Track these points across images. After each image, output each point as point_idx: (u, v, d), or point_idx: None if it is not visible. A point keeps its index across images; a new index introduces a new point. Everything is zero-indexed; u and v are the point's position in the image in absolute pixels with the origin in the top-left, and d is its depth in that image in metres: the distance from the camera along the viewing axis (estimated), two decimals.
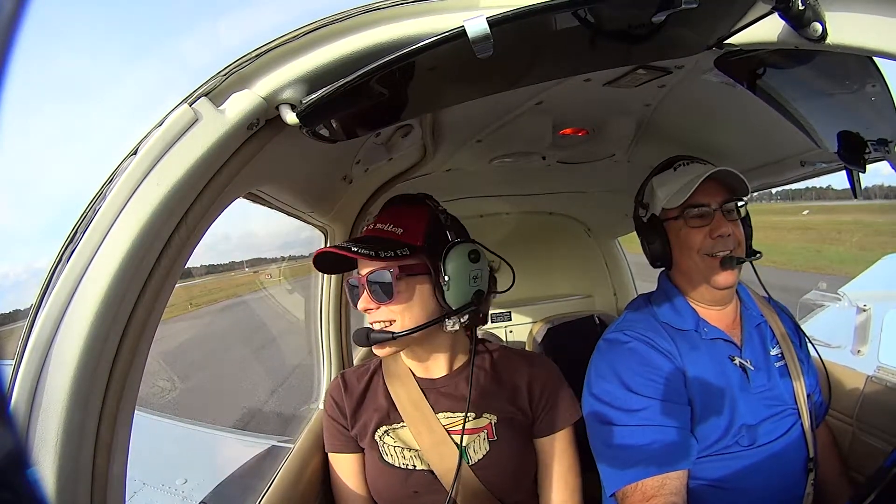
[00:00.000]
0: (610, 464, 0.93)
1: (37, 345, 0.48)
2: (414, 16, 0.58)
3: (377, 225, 0.90)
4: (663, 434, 0.90)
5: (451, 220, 0.93)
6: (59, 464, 0.47)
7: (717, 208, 0.98)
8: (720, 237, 0.97)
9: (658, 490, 0.86)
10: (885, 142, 0.84)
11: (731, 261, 0.97)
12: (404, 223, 0.88)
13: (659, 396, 0.93)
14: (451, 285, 0.86)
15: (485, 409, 0.95)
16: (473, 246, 0.90)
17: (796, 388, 1.01)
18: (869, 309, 1.75)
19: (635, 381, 0.95)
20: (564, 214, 2.43)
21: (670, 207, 1.01)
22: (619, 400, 0.94)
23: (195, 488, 2.13)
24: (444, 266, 0.86)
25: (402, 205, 0.94)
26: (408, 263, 0.85)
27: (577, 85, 0.97)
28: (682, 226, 1.00)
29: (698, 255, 0.99)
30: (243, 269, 29.79)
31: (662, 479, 0.87)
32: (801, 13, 0.52)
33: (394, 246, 0.84)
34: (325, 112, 0.60)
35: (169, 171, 0.52)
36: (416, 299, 0.86)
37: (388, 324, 0.86)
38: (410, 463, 0.94)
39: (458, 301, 0.88)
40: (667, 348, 0.98)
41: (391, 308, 0.86)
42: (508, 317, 2.33)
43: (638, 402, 0.93)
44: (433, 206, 0.93)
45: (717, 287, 0.99)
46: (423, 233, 0.88)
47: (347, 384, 1.02)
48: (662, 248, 1.04)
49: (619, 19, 0.57)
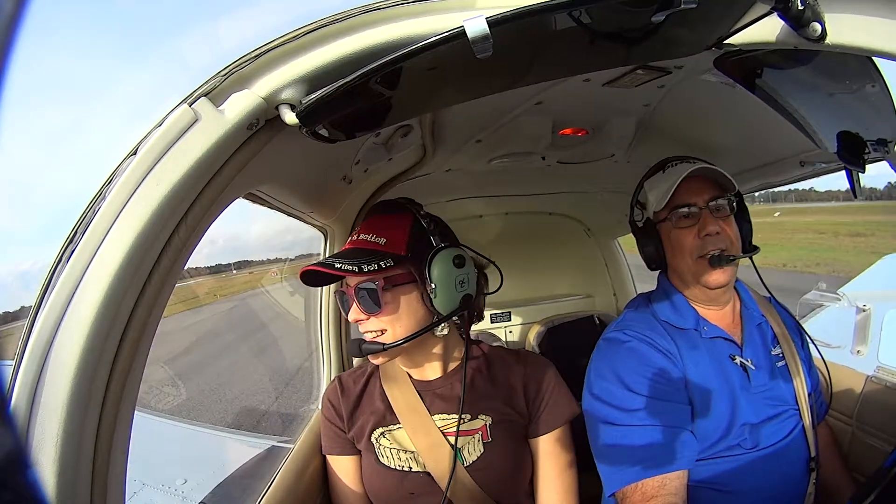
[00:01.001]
0: (610, 464, 0.93)
1: (37, 345, 0.48)
2: (414, 16, 0.58)
3: (360, 236, 0.89)
4: (663, 434, 0.90)
5: (434, 224, 0.92)
6: (59, 464, 0.47)
7: (704, 206, 0.97)
8: (708, 236, 0.96)
9: (658, 490, 0.86)
10: (884, 142, 0.84)
11: (721, 259, 0.95)
12: (386, 233, 0.88)
13: (658, 396, 0.93)
14: (438, 292, 0.86)
15: (480, 411, 0.95)
16: (458, 251, 0.90)
17: (797, 388, 1.01)
18: (868, 309, 1.75)
19: (635, 380, 0.94)
20: (564, 214, 2.43)
21: (659, 209, 1.01)
22: (619, 399, 0.94)
23: (195, 488, 2.13)
24: (429, 273, 0.86)
25: (383, 213, 0.93)
26: (392, 274, 0.85)
27: (576, 85, 0.97)
28: (672, 227, 1.00)
29: (690, 258, 0.98)
30: (231, 272, 29.92)
31: (662, 479, 0.87)
32: (800, 13, 0.52)
33: (377, 258, 0.84)
34: (325, 112, 0.60)
35: (169, 171, 0.52)
36: (404, 308, 0.86)
37: (378, 333, 0.87)
38: (406, 465, 0.94)
39: (447, 307, 0.88)
40: (666, 347, 0.98)
41: (381, 319, 0.86)
42: (508, 317, 2.33)
43: (637, 401, 0.93)
44: (415, 212, 0.92)
45: (709, 287, 0.98)
46: (406, 241, 0.87)
47: (344, 387, 1.03)
48: (656, 251, 1.04)
49: (618, 19, 0.57)
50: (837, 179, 1.35)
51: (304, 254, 5.00)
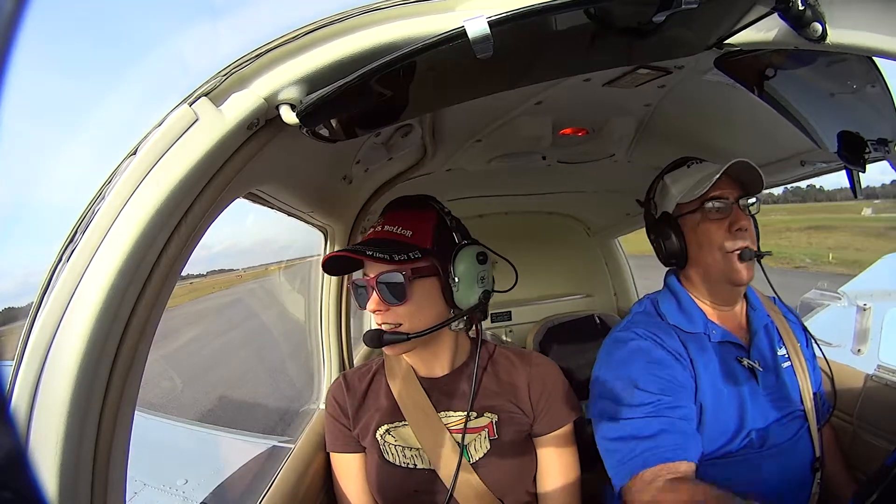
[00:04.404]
0: (616, 458, 0.91)
1: (37, 345, 0.48)
2: (414, 16, 0.58)
3: (385, 227, 0.90)
4: (671, 425, 0.88)
5: (455, 222, 0.94)
6: (59, 464, 0.47)
7: (734, 202, 0.98)
8: (739, 231, 0.96)
9: (669, 473, 0.84)
10: (885, 141, 0.84)
11: (750, 253, 0.96)
12: (413, 225, 0.89)
13: (666, 393, 0.91)
14: (461, 286, 0.88)
15: (486, 408, 0.95)
16: (481, 248, 0.92)
17: (803, 389, 1.01)
18: (869, 308, 1.75)
19: (643, 378, 0.93)
20: (564, 214, 2.43)
21: (687, 202, 1.00)
22: (627, 396, 0.93)
23: (196, 488, 2.13)
24: (453, 268, 0.87)
25: (408, 207, 0.94)
26: (418, 266, 0.86)
27: (576, 85, 0.97)
28: (701, 220, 0.99)
29: (719, 252, 0.97)
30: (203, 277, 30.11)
31: (674, 465, 0.84)
32: (800, 13, 0.52)
33: (405, 249, 0.85)
34: (325, 112, 0.60)
35: (169, 171, 0.52)
36: (425, 301, 0.87)
37: (396, 325, 0.87)
38: (411, 462, 0.94)
39: (467, 302, 0.89)
40: (676, 349, 0.97)
41: (402, 310, 0.86)
42: (508, 316, 2.33)
43: (645, 397, 0.91)
44: (439, 209, 0.94)
45: (736, 283, 0.98)
46: (432, 235, 0.89)
47: (349, 384, 1.02)
48: (678, 244, 1.02)
49: (619, 19, 0.57)
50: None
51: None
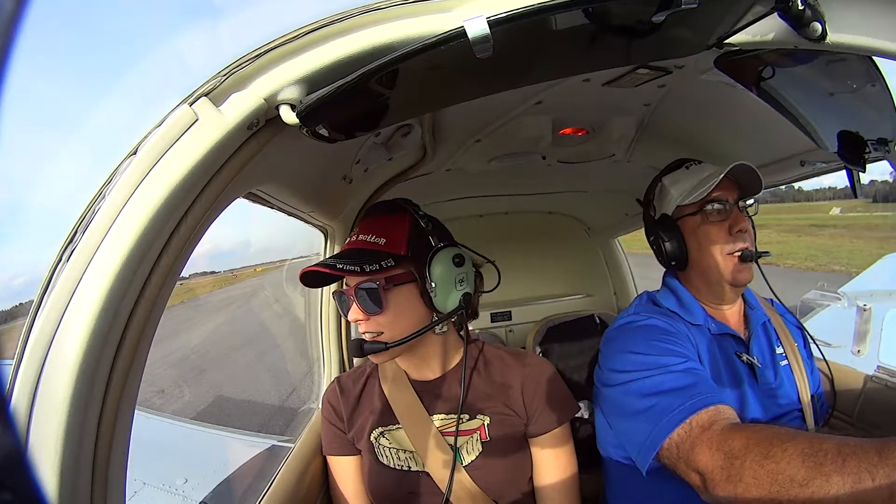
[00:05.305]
0: (656, 411, 0.82)
1: (37, 345, 0.48)
2: (414, 16, 0.57)
3: (359, 236, 0.89)
4: (705, 379, 0.85)
5: (432, 224, 0.92)
6: (59, 464, 0.47)
7: (734, 204, 0.99)
8: (740, 232, 0.97)
9: (716, 416, 0.76)
10: (885, 141, 0.84)
11: (751, 254, 0.97)
12: (386, 233, 0.88)
13: (686, 355, 0.89)
14: (438, 291, 0.87)
15: (478, 411, 0.95)
16: (457, 249, 0.90)
17: (801, 388, 1.01)
18: (869, 308, 1.75)
19: (658, 347, 0.90)
20: (564, 214, 2.43)
21: (686, 204, 1.00)
22: (643, 362, 0.88)
23: (195, 488, 2.13)
24: (429, 272, 0.86)
25: (382, 213, 0.93)
26: (393, 274, 0.85)
27: (576, 85, 0.97)
28: (701, 222, 1.00)
29: (720, 254, 0.98)
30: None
31: (716, 409, 0.77)
32: (800, 13, 0.52)
33: (378, 258, 0.84)
34: (325, 112, 0.60)
35: (169, 170, 0.52)
36: (404, 308, 0.87)
37: (378, 333, 0.87)
38: (405, 464, 0.94)
39: (447, 305, 0.88)
40: (682, 330, 0.97)
41: (381, 318, 0.86)
42: (508, 316, 2.33)
43: (666, 360, 0.87)
44: (413, 212, 0.92)
45: (736, 284, 0.98)
46: (406, 241, 0.88)
47: (343, 388, 1.03)
48: (679, 246, 1.03)
49: (618, 19, 0.57)
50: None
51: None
